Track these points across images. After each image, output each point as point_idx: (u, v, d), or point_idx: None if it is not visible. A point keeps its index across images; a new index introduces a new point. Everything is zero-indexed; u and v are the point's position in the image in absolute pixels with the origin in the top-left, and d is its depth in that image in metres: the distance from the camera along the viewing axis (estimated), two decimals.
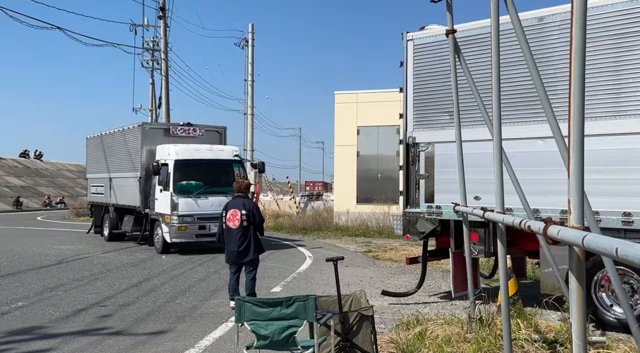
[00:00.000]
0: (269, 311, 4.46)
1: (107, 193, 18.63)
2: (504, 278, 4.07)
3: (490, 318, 5.82)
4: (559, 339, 5.53)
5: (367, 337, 5.03)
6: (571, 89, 2.37)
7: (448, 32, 6.22)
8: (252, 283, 8.13)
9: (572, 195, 2.38)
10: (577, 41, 2.36)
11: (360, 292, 5.45)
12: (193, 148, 15.29)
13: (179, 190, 14.51)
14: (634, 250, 1.51)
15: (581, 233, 1.96)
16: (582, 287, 2.38)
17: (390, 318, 6.99)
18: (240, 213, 7.94)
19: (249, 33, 32.49)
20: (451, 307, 7.80)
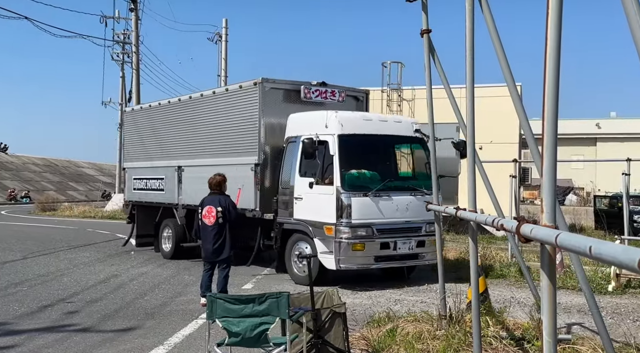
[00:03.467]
0: (241, 308, 4.43)
1: (173, 188, 12.71)
2: (475, 276, 4.12)
3: (460, 315, 5.89)
4: (527, 336, 5.63)
5: (339, 334, 5.04)
6: (545, 94, 2.40)
7: (423, 32, 6.26)
8: (224, 280, 8.06)
9: (545, 196, 2.42)
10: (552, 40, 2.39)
11: (332, 290, 5.46)
12: (361, 117, 9.94)
13: (348, 183, 9.18)
14: (607, 248, 1.54)
15: (554, 232, 2.00)
16: (553, 285, 2.42)
17: (362, 316, 7.02)
18: (216, 210, 7.84)
19: (223, 28, 32.25)
20: (422, 304, 7.88)
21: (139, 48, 30.87)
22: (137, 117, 14.70)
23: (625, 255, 1.41)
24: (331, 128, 9.27)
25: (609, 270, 9.17)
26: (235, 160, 10.76)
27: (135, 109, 15.49)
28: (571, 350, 5.33)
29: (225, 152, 11.22)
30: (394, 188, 9.46)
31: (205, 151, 11.86)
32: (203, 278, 8.14)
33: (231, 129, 11.16)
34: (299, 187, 9.71)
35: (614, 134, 38.94)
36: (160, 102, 13.80)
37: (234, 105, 11.10)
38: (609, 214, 17.27)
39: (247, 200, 10.38)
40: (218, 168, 10.63)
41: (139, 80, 30.54)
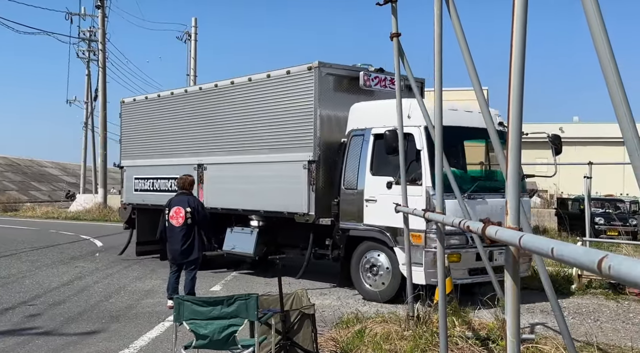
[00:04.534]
0: (209, 310, 4.40)
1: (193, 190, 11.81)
2: (442, 276, 4.18)
3: (427, 315, 5.97)
4: (491, 336, 5.74)
5: (308, 336, 5.05)
6: (510, 99, 2.46)
7: (393, 35, 6.33)
8: (192, 282, 7.96)
9: (509, 198, 2.47)
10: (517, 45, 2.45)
11: (302, 291, 5.47)
12: (447, 107, 8.36)
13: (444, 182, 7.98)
14: (568, 249, 1.59)
15: (518, 234, 2.04)
16: (517, 285, 2.47)
17: (331, 317, 7.04)
18: (185, 211, 7.74)
19: (192, 27, 31.96)
20: (390, 305, 7.94)
21: (105, 46, 30.34)
22: (140, 109, 12.84)
23: (586, 256, 1.45)
24: (416, 119, 7.68)
25: (571, 271, 9.41)
26: (281, 157, 9.39)
27: (137, 99, 13.14)
28: (534, 349, 5.44)
29: (267, 148, 9.71)
30: (486, 189, 8.29)
31: (238, 147, 10.36)
32: (170, 281, 8.03)
33: (275, 121, 9.60)
34: (372, 187, 8.37)
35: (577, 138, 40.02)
36: (173, 92, 12.04)
37: (278, 94, 9.57)
38: (571, 216, 17.72)
39: (295, 203, 9.05)
40: (257, 166, 9.75)
41: (105, 79, 30.03)
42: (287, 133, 9.44)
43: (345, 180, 8.78)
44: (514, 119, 2.46)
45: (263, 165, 9.51)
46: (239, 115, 10.35)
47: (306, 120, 9.06)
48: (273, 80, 9.74)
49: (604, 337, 6.41)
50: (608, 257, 1.33)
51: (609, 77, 2.40)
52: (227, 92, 10.66)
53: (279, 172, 9.38)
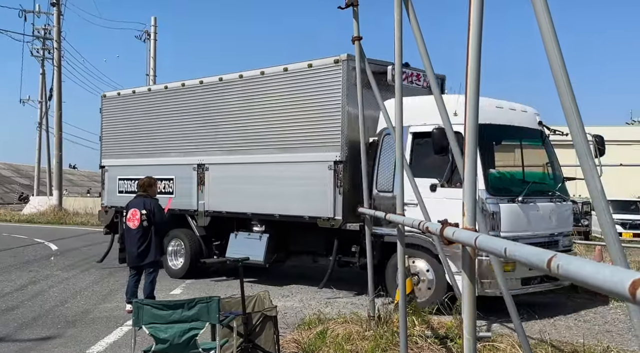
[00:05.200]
0: (169, 314, 4.35)
1: (190, 191, 10.49)
2: (403, 277, 4.25)
3: (387, 316, 6.05)
4: (450, 335, 5.86)
5: (270, 338, 5.05)
6: (467, 102, 2.53)
7: (354, 39, 6.40)
8: (150, 285, 7.84)
9: (466, 200, 2.55)
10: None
11: (264, 293, 5.46)
12: (493, 104, 7.92)
13: (493, 186, 7.44)
14: (520, 250, 1.65)
15: (474, 234, 2.11)
16: (474, 285, 2.55)
17: (293, 319, 7.05)
18: (140, 213, 7.64)
19: (152, 26, 31.44)
20: (352, 306, 8.01)
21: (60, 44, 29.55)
22: (125, 104, 11.89)
23: (536, 256, 1.51)
24: (463, 116, 7.62)
25: None
26: (301, 157, 8.76)
27: (122, 93, 12.11)
28: (491, 347, 5.58)
29: (285, 147, 9.04)
30: (536, 193, 7.75)
31: (248, 146, 9.62)
32: (129, 284, 7.89)
33: (294, 118, 8.96)
34: (410, 190, 7.97)
35: None
36: (167, 85, 11.14)
37: (298, 89, 8.93)
38: None
39: (318, 206, 8.43)
40: (272, 166, 9.02)
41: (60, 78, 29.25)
42: (308, 131, 8.76)
43: (378, 182, 8.21)
44: (470, 123, 2.54)
45: (279, 166, 8.90)
46: (249, 112, 9.61)
47: (332, 117, 8.43)
48: (291, 74, 9.03)
49: (557, 335, 6.61)
50: (557, 257, 1.39)
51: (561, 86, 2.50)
52: (233, 86, 9.90)
53: (299, 173, 8.73)
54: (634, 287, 1.01)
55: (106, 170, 12.25)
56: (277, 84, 9.22)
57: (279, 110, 9.15)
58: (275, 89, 9.22)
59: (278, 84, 9.21)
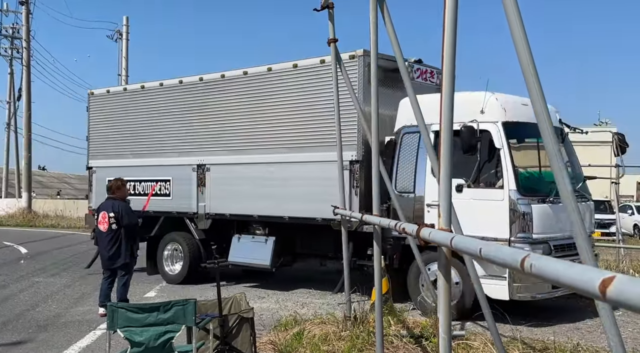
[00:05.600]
0: (144, 317, 4.31)
1: (189, 193, 10.02)
2: (379, 277, 4.29)
3: (364, 316, 6.09)
4: (425, 334, 5.93)
5: (247, 339, 5.04)
6: (442, 103, 2.58)
7: (330, 41, 6.43)
8: (123, 289, 7.77)
9: (441, 201, 2.59)
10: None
11: (240, 295, 5.45)
12: (519, 101, 7.60)
13: (524, 186, 7.25)
14: (495, 250, 1.70)
15: (449, 235, 2.15)
16: (449, 284, 2.60)
17: (270, 320, 7.04)
18: (109, 216, 7.62)
19: (124, 26, 31.04)
20: (328, 306, 8.03)
21: (30, 43, 28.98)
22: (115, 102, 11.32)
23: (510, 256, 1.56)
24: (491, 114, 7.13)
25: None
26: (313, 157, 8.38)
27: (112, 91, 11.52)
28: (465, 345, 5.67)
29: (295, 146, 8.62)
30: None
31: (254, 145, 9.22)
32: (102, 287, 7.80)
33: (305, 117, 8.60)
34: (435, 190, 7.40)
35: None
36: (162, 83, 10.61)
37: (309, 86, 8.55)
38: None
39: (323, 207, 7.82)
40: (281, 166, 8.59)
41: (29, 78, 28.71)
42: (321, 130, 8.34)
43: (397, 182, 7.82)
44: (445, 126, 2.59)
45: (289, 166, 8.47)
46: (255, 110, 9.14)
47: (347, 115, 7.89)
48: (301, 71, 8.64)
49: (529, 333, 6.74)
50: (529, 257, 1.44)
51: (532, 89, 2.57)
52: (237, 83, 9.45)
53: (311, 174, 8.34)
54: (604, 285, 1.06)
55: (94, 172, 11.59)
56: (285, 80, 8.82)
57: (287, 108, 8.76)
58: (284, 86, 8.81)
59: (287, 80, 8.81)
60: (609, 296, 1.04)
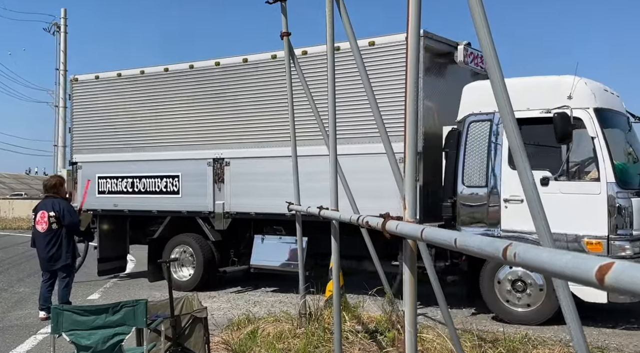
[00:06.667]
0: (91, 319, 4.10)
1: (204, 190, 9.12)
2: (337, 273, 4.24)
3: (318, 312, 6.04)
4: (379, 329, 5.94)
5: (200, 340, 4.90)
6: (407, 98, 2.54)
7: (283, 34, 6.33)
8: (65, 291, 7.44)
9: (407, 194, 2.56)
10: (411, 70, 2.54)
11: (192, 295, 5.30)
12: (602, 87, 7.21)
13: (622, 179, 6.65)
14: (472, 240, 1.66)
15: (419, 227, 2.11)
16: (414, 278, 2.57)
17: (222, 319, 6.89)
18: (48, 215, 7.26)
19: (61, 18, 29.76)
20: (280, 304, 7.94)
21: None
22: (107, 90, 10.18)
23: (490, 246, 1.52)
24: (581, 100, 6.57)
25: None
26: (363, 149, 7.64)
27: (103, 77, 10.29)
28: (418, 338, 5.71)
29: (344, 138, 7.46)
30: None
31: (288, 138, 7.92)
32: (42, 290, 7.43)
33: (353, 105, 7.65)
34: (513, 184, 6.48)
35: None
36: (167, 68, 9.55)
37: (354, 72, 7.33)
38: None
39: (386, 204, 6.91)
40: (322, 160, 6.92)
41: None
42: (372, 120, 7.74)
43: (465, 175, 7.22)
44: (410, 118, 2.55)
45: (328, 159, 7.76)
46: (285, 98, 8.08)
47: (402, 103, 7.34)
48: (343, 55, 7.42)
49: (479, 325, 6.89)
50: (513, 245, 1.40)
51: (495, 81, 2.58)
52: (263, 68, 8.43)
53: (360, 167, 7.53)
54: (601, 272, 1.03)
55: (79, 167, 10.41)
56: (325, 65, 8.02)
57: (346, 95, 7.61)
58: (323, 71, 7.94)
59: (320, 66, 7.75)
60: (608, 283, 1.01)
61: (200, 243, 9.17)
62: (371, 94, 4.26)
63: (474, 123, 7.23)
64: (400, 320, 5.93)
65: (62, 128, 28.09)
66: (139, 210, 9.70)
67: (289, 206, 6.10)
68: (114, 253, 10.24)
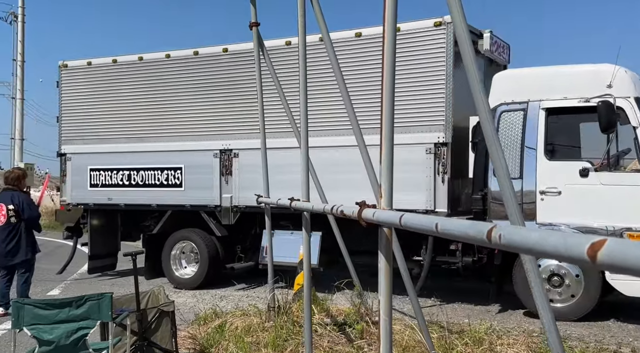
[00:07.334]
0: (54, 313, 3.98)
1: (210, 183, 8.75)
2: (308, 265, 4.22)
3: (287, 306, 6.01)
4: (348, 321, 5.95)
5: (167, 334, 4.80)
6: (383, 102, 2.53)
7: (252, 24, 6.25)
8: (24, 287, 7.23)
9: (383, 181, 2.55)
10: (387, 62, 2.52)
11: (158, 288, 5.19)
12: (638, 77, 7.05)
13: None
14: (454, 224, 1.66)
15: (398, 213, 2.10)
16: (390, 266, 2.56)
17: (188, 314, 6.78)
18: (7, 208, 7.04)
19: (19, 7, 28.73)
20: (248, 299, 7.88)
21: None
22: (100, 77, 9.67)
23: (473, 229, 1.52)
24: (622, 88, 6.40)
25: None
26: None
27: (96, 63, 9.74)
28: None
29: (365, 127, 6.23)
30: None
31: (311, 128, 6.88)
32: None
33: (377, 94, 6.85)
34: (549, 176, 6.66)
35: None
36: (169, 54, 9.07)
37: (375, 60, 7.21)
38: None
39: (411, 197, 7.06)
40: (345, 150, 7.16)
41: None
42: (401, 109, 6.88)
43: None
44: (386, 106, 2.54)
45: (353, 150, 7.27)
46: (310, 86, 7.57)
47: (433, 92, 7.11)
48: (366, 41, 7.43)
49: (444, 316, 6.98)
50: (497, 227, 1.40)
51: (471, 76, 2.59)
52: (276, 56, 7.59)
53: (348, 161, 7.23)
54: (594, 249, 1.03)
55: (69, 159, 9.81)
56: (348, 52, 7.51)
57: (355, 84, 7.17)
58: (346, 59, 7.36)
59: (350, 51, 7.55)
60: (600, 260, 1.01)
61: (204, 239, 8.79)
62: (343, 86, 4.23)
63: (506, 113, 7.03)
64: (368, 312, 5.96)
65: (19, 120, 27.20)
66: (136, 205, 9.25)
67: (258, 199, 6.04)
68: (105, 250, 9.72)
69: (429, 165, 7.12)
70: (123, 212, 9.67)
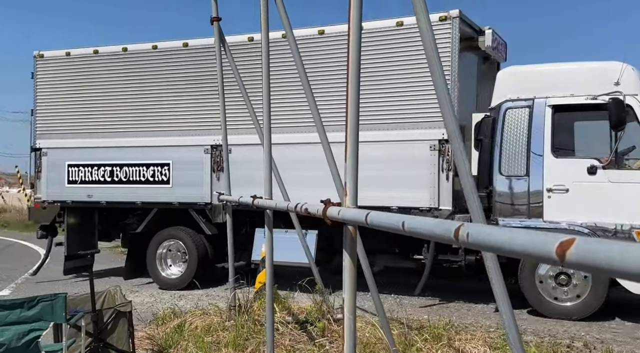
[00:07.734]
0: (4, 314, 3.82)
1: (199, 180, 8.48)
2: (270, 263, 4.18)
3: (248, 304, 5.95)
4: (310, 319, 5.93)
5: (124, 335, 4.67)
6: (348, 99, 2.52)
7: (213, 19, 6.15)
8: None
9: (348, 179, 2.54)
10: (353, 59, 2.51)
11: (115, 288, 5.04)
12: None
13: None
14: (421, 222, 1.65)
15: (364, 211, 2.09)
16: (354, 265, 2.55)
17: (146, 314, 6.64)
18: None
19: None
20: (208, 298, 7.76)
21: None
22: (80, 68, 9.22)
23: (440, 227, 1.51)
24: (629, 86, 6.38)
25: None
26: (391, 135, 7.20)
27: (75, 54, 9.32)
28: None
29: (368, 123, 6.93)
30: None
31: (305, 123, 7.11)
32: None
33: (383, 89, 7.27)
34: (556, 173, 6.64)
35: None
36: (156, 45, 8.71)
37: (385, 53, 7.24)
38: None
39: (415, 194, 7.00)
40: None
41: None
42: (403, 104, 7.20)
43: (502, 165, 6.92)
44: (351, 103, 2.53)
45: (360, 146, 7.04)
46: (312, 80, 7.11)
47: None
48: (374, 34, 7.28)
49: (404, 312, 7.05)
50: (465, 226, 1.40)
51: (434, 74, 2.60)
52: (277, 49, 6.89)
53: (388, 155, 7.15)
54: (562, 248, 1.03)
55: (44, 154, 9.36)
56: (313, 47, 7.63)
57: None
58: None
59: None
60: (569, 259, 1.01)
61: (193, 238, 8.51)
62: (306, 83, 4.20)
63: (511, 110, 6.97)
64: (330, 310, 5.96)
65: None
66: (119, 202, 8.84)
67: (219, 196, 5.95)
68: (82, 249, 9.37)
69: (433, 162, 7.02)
70: (101, 210, 9.23)
